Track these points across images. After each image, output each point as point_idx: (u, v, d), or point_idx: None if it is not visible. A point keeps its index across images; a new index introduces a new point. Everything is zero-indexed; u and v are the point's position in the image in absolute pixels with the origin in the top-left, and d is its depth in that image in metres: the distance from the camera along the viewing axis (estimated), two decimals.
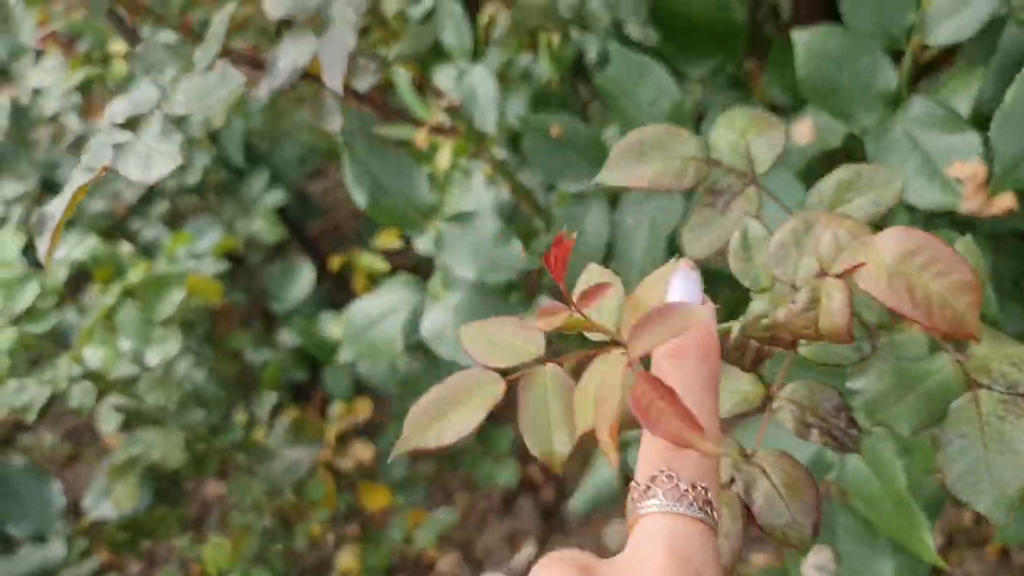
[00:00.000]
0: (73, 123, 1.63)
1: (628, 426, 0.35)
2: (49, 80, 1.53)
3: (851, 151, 0.73)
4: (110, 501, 0.97)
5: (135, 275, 1.14)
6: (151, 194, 1.58)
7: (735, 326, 0.40)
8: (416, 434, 0.36)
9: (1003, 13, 0.67)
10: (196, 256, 1.30)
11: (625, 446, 0.72)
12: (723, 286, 0.50)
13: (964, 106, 0.67)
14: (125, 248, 1.17)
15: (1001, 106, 0.59)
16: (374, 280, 1.11)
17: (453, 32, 0.94)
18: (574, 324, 0.34)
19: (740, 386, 0.43)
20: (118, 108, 0.53)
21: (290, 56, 0.56)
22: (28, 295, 0.91)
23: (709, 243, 0.46)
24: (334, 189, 2.24)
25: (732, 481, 0.40)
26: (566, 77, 0.98)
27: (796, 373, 0.43)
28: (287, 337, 1.33)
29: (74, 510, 1.29)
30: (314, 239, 1.82)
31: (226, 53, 0.57)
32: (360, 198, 0.74)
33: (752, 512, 0.39)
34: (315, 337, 1.30)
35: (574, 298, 0.34)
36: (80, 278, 1.32)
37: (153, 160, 0.47)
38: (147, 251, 1.69)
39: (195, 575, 1.32)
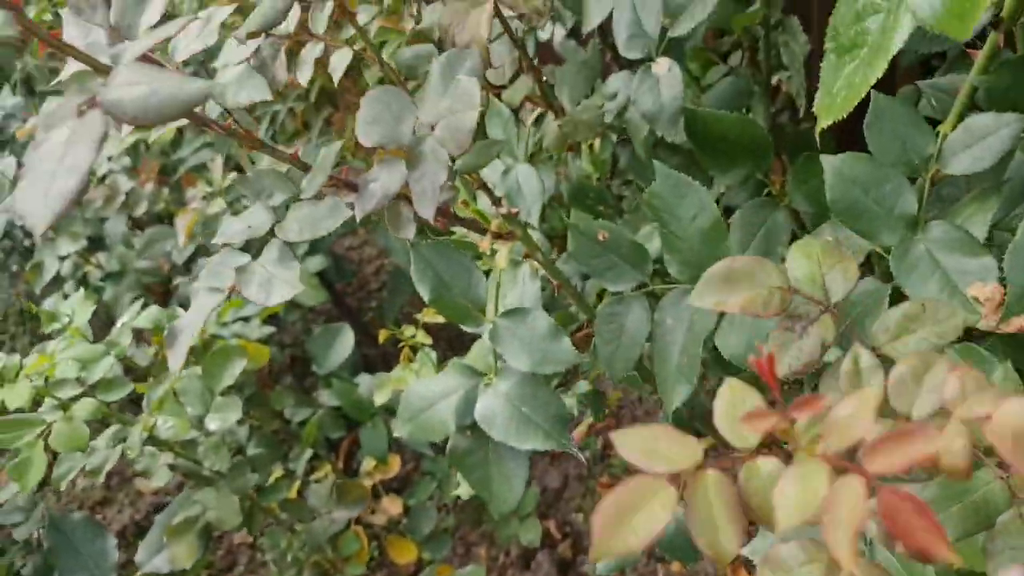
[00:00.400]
0: (123, 183, 1.72)
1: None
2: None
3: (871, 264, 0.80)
4: (167, 557, 1.02)
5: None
6: (196, 253, 1.66)
7: None
8: (606, 542, 0.40)
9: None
10: (244, 319, 1.37)
11: None
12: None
13: (980, 230, 0.74)
14: (180, 312, 1.24)
15: (1014, 240, 0.66)
16: (414, 349, 1.18)
17: (500, 131, 1.02)
18: (783, 429, 0.39)
19: None
20: (233, 229, 0.60)
21: (382, 182, 0.63)
22: (104, 366, 0.98)
23: (789, 363, 0.52)
24: (360, 246, 2.32)
25: None
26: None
27: None
28: (326, 396, 1.40)
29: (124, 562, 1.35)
30: (340, 292, 1.90)
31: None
32: (424, 292, 0.81)
33: None
34: (353, 398, 1.37)
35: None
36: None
37: (274, 285, 0.54)
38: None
39: None
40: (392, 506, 1.47)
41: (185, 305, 1.70)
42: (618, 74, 1.01)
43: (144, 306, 1.85)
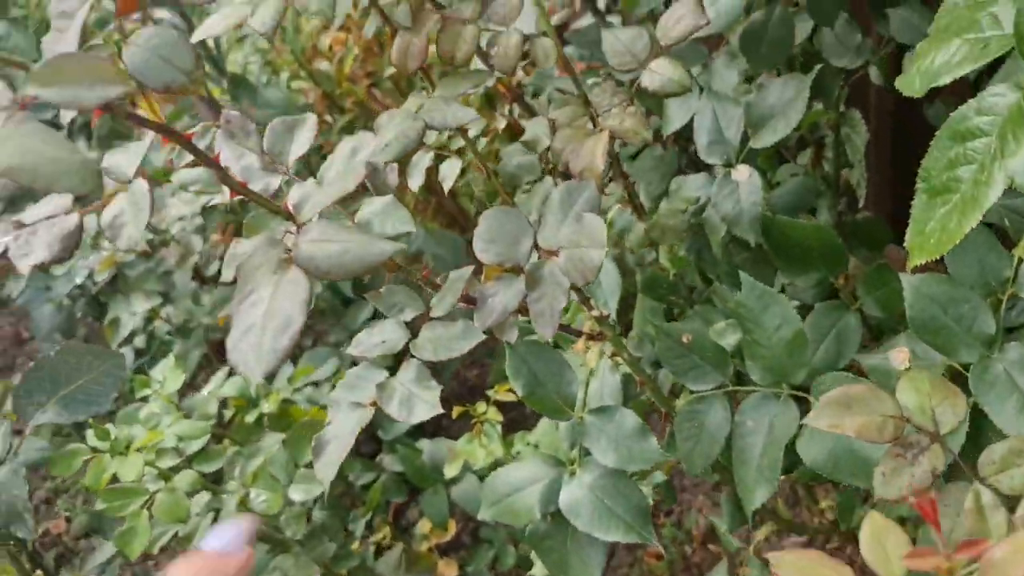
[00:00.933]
0: (196, 243, 1.78)
1: None
2: (182, 209, 1.69)
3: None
4: None
5: (268, 405, 1.26)
6: None
7: None
8: None
9: None
10: (314, 383, 1.42)
11: None
12: None
13: None
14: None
15: None
16: (483, 429, 1.23)
17: None
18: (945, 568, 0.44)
19: None
20: (368, 342, 0.65)
21: (500, 299, 0.68)
22: (202, 438, 1.04)
23: (899, 488, 0.56)
24: None
25: None
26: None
27: None
28: (389, 461, 1.45)
29: None
30: None
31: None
32: (518, 388, 0.86)
33: None
34: (417, 465, 1.41)
35: None
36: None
37: (415, 404, 0.59)
38: None
39: None
40: (448, 570, 1.50)
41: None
42: (695, 176, 1.06)
43: (206, 359, 1.91)
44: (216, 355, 1.91)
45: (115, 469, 0.99)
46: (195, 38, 0.65)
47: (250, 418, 1.22)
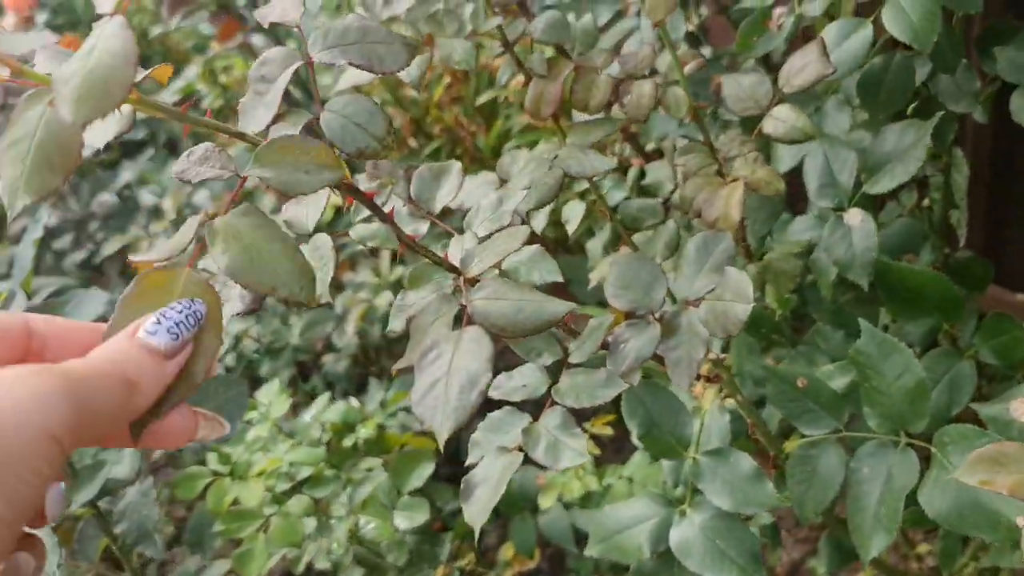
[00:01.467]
0: None
1: None
2: None
3: None
4: None
5: (365, 431, 1.29)
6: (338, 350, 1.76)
7: None
8: None
9: None
10: (406, 409, 1.45)
11: None
12: None
13: None
14: (354, 404, 1.32)
15: None
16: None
17: None
18: None
19: None
20: (507, 385, 0.67)
21: (634, 345, 0.69)
22: (315, 463, 1.06)
23: None
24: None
25: None
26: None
27: None
28: None
29: None
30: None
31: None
32: (633, 428, 0.87)
33: None
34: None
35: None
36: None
37: (562, 451, 0.60)
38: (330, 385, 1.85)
39: None
40: None
41: (331, 380, 1.79)
42: (802, 219, 1.06)
43: (291, 382, 1.94)
44: (301, 377, 1.95)
45: (236, 493, 1.02)
46: (339, 87, 0.67)
47: (347, 442, 1.25)
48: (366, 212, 0.57)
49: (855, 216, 0.97)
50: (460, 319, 0.50)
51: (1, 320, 0.41)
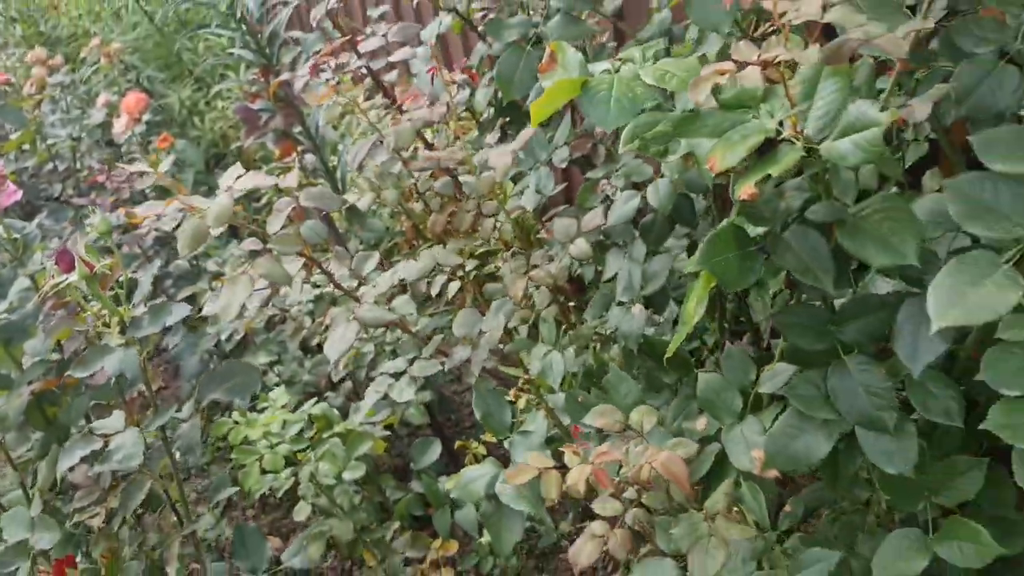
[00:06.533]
0: (306, 321, 2.49)
1: None
2: (299, 296, 2.40)
3: None
4: (303, 558, 1.70)
5: (339, 428, 1.93)
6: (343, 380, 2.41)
7: None
8: None
9: None
10: (371, 423, 2.08)
11: None
12: None
13: None
14: (335, 411, 1.97)
15: None
16: (476, 458, 1.85)
17: (547, 333, 1.72)
18: None
19: None
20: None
21: (461, 354, 1.34)
22: (295, 432, 1.71)
23: None
24: (463, 392, 3.03)
25: None
26: None
27: None
28: (416, 485, 2.08)
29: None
30: (438, 421, 2.60)
31: None
32: (478, 414, 1.50)
33: None
34: (433, 489, 2.04)
35: None
36: None
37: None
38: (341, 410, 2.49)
39: None
40: (447, 574, 2.10)
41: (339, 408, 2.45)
42: (614, 307, 1.70)
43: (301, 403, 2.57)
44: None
45: (245, 433, 1.65)
46: (364, 205, 1.33)
47: (326, 434, 1.89)
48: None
49: (637, 308, 1.61)
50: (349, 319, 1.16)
51: None
